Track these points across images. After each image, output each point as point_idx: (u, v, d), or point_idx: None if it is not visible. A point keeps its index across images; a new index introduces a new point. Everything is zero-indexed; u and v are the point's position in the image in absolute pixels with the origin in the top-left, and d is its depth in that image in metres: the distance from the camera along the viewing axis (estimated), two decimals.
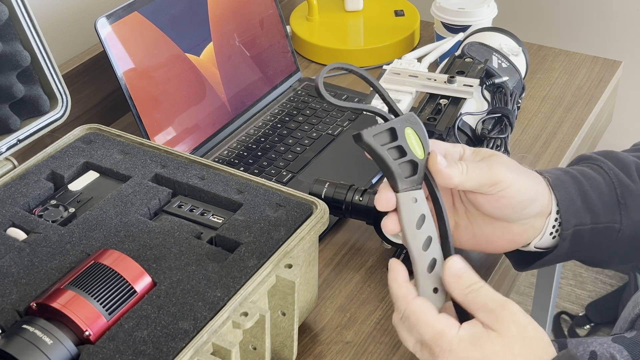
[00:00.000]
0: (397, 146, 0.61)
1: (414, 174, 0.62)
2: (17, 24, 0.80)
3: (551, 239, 0.71)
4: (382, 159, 0.60)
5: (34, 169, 0.79)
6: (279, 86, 1.16)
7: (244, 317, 0.62)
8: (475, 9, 1.14)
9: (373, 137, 0.60)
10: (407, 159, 0.61)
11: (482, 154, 0.67)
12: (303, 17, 1.31)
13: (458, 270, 0.61)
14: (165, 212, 0.75)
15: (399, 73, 0.92)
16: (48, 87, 0.84)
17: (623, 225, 0.72)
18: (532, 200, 0.67)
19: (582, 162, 0.77)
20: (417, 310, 0.60)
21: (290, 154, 1.03)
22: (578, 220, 0.70)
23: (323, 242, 0.90)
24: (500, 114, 0.88)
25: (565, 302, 1.90)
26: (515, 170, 0.66)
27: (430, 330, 0.59)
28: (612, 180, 0.73)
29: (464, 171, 0.63)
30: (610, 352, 0.72)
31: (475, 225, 0.70)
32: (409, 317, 0.60)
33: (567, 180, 0.71)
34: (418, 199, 0.61)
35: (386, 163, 0.60)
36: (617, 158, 0.75)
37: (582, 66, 1.21)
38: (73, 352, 0.59)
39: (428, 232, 0.62)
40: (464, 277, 0.61)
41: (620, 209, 0.72)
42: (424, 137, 0.62)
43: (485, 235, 0.70)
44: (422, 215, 0.62)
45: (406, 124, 0.62)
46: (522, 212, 0.67)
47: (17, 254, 0.68)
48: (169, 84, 1.00)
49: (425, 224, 0.62)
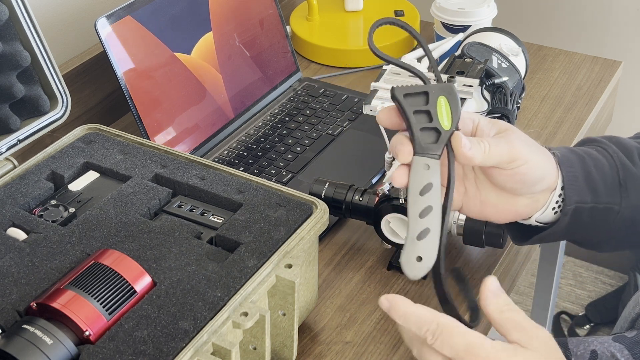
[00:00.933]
0: (426, 111, 0.61)
1: (435, 142, 0.61)
2: (17, 24, 0.80)
3: (552, 214, 0.71)
4: (407, 116, 0.61)
5: (34, 169, 0.79)
6: (279, 86, 1.16)
7: (244, 317, 0.62)
8: (475, 9, 1.14)
9: (404, 97, 0.60)
10: (432, 126, 0.61)
11: (498, 127, 0.67)
12: (303, 17, 1.31)
13: (497, 289, 0.60)
14: (165, 212, 0.75)
15: (399, 73, 0.92)
16: (48, 87, 0.84)
17: (622, 207, 0.72)
18: (543, 177, 0.68)
19: (587, 144, 0.78)
20: (449, 323, 0.58)
21: (290, 154, 1.03)
22: (579, 198, 0.71)
23: (323, 242, 0.90)
24: (500, 114, 0.88)
25: (565, 302, 1.90)
26: (530, 146, 0.67)
27: (466, 341, 0.57)
28: (616, 163, 0.73)
29: (486, 151, 0.63)
30: (610, 351, 0.73)
31: (483, 193, 0.70)
32: (443, 331, 0.58)
33: (573, 159, 0.72)
34: (431, 166, 0.61)
35: (409, 121, 0.61)
36: (621, 142, 0.76)
37: (582, 66, 1.21)
38: (73, 352, 0.59)
39: (430, 201, 0.61)
40: (503, 296, 0.60)
41: (621, 191, 0.72)
42: (456, 110, 0.62)
43: (492, 204, 0.70)
44: (430, 184, 0.61)
45: (442, 92, 0.62)
46: (532, 187, 0.68)
47: (17, 254, 0.68)
48: (169, 84, 1.00)
49: (430, 194, 0.61)
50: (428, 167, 0.61)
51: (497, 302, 0.60)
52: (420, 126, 0.61)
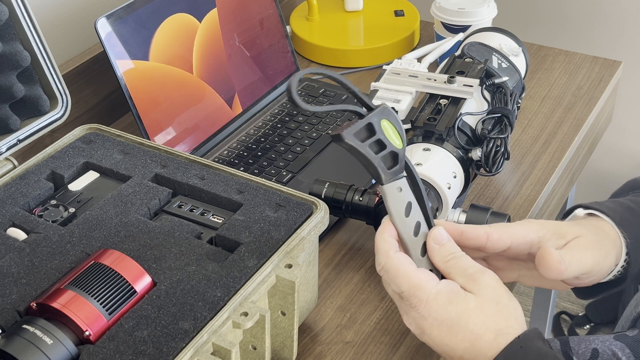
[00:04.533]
0: (377, 140, 0.62)
1: (395, 164, 0.63)
2: (17, 24, 0.80)
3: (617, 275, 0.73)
4: (364, 156, 0.61)
5: (34, 169, 0.79)
6: (279, 86, 1.16)
7: (244, 317, 0.62)
8: (475, 9, 1.14)
9: (353, 136, 0.61)
10: (387, 151, 0.62)
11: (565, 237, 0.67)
12: (303, 17, 1.31)
13: (441, 239, 0.64)
14: (165, 212, 0.75)
15: (399, 73, 0.92)
16: (48, 87, 0.84)
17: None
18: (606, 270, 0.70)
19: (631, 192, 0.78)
20: (395, 264, 0.62)
21: (290, 154, 1.03)
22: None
23: (323, 242, 0.90)
24: (500, 114, 0.88)
25: (565, 302, 1.90)
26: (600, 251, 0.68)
27: (408, 283, 0.61)
28: None
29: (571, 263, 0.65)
30: (612, 350, 0.73)
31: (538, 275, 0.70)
32: (388, 271, 0.62)
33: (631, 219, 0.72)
34: (403, 187, 0.63)
35: (368, 159, 0.61)
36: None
37: (582, 66, 1.21)
38: (73, 352, 0.59)
39: (416, 217, 0.64)
40: (447, 245, 0.64)
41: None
42: (400, 127, 0.63)
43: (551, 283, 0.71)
44: (409, 202, 0.63)
45: (381, 116, 0.62)
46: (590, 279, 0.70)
47: (17, 254, 0.68)
48: (169, 83, 1.00)
49: (413, 211, 0.64)
50: (400, 189, 0.63)
51: (440, 252, 0.63)
52: (379, 156, 0.62)
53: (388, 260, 0.62)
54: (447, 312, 0.61)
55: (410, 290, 0.61)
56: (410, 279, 0.61)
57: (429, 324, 0.61)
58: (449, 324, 0.61)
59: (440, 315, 0.61)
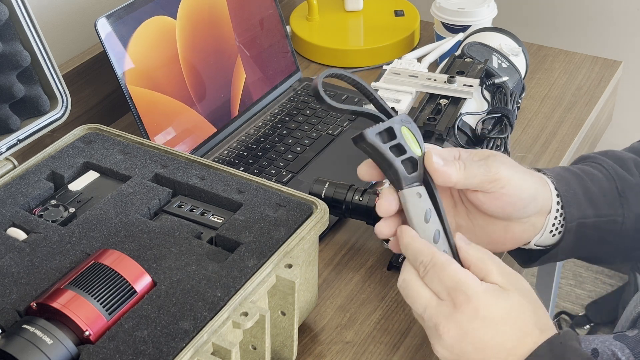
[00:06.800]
0: (397, 144, 0.61)
1: (414, 170, 0.62)
2: (17, 24, 0.80)
3: (551, 236, 0.71)
4: (386, 157, 0.61)
5: (34, 169, 0.79)
6: (279, 86, 1.16)
7: (244, 317, 0.62)
8: (475, 9, 1.14)
9: (375, 136, 0.61)
10: (407, 157, 0.62)
11: (480, 154, 0.67)
12: (303, 17, 1.31)
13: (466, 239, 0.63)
14: (165, 212, 0.75)
15: (399, 73, 0.92)
16: (48, 87, 0.84)
17: (625, 218, 0.72)
18: (533, 198, 0.68)
19: (581, 161, 0.78)
20: (444, 260, 0.60)
21: (290, 154, 1.03)
22: (581, 214, 0.71)
23: (323, 242, 0.90)
24: (500, 114, 0.88)
25: (565, 302, 1.90)
26: (514, 168, 0.67)
27: (454, 278, 0.60)
28: (612, 175, 0.73)
29: (461, 169, 0.64)
30: (612, 350, 0.73)
31: (476, 225, 0.70)
32: (435, 266, 0.60)
33: (568, 176, 0.72)
34: (422, 194, 0.62)
35: (389, 161, 0.61)
36: (615, 155, 0.77)
37: (582, 66, 1.21)
38: (73, 352, 0.59)
39: (436, 225, 0.63)
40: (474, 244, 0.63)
41: (622, 202, 0.72)
42: (419, 136, 0.63)
43: (487, 235, 0.70)
44: (429, 209, 0.62)
45: (401, 123, 0.62)
46: (523, 210, 0.68)
47: (17, 254, 0.68)
48: (169, 83, 1.00)
49: (432, 218, 0.63)
50: (420, 195, 0.62)
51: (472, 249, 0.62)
52: (400, 160, 0.62)
53: (435, 255, 0.61)
54: (498, 308, 0.59)
55: (456, 285, 0.59)
56: (459, 274, 0.60)
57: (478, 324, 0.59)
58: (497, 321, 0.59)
59: (491, 313, 0.59)
